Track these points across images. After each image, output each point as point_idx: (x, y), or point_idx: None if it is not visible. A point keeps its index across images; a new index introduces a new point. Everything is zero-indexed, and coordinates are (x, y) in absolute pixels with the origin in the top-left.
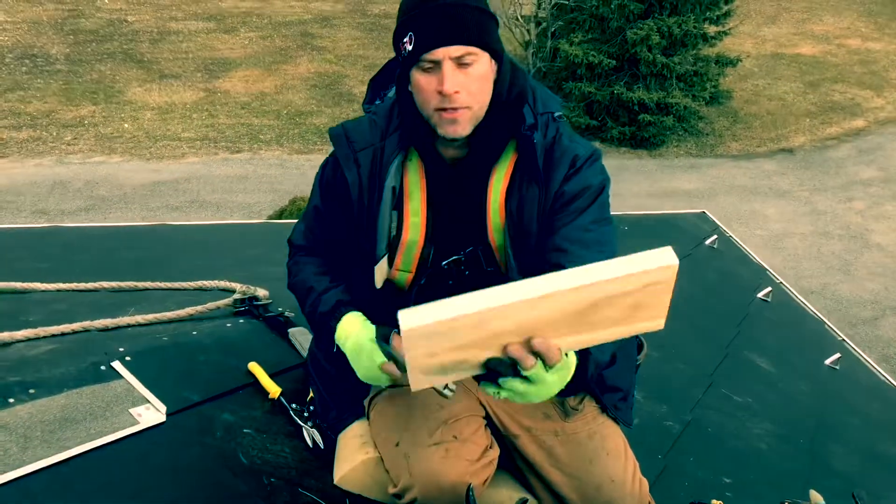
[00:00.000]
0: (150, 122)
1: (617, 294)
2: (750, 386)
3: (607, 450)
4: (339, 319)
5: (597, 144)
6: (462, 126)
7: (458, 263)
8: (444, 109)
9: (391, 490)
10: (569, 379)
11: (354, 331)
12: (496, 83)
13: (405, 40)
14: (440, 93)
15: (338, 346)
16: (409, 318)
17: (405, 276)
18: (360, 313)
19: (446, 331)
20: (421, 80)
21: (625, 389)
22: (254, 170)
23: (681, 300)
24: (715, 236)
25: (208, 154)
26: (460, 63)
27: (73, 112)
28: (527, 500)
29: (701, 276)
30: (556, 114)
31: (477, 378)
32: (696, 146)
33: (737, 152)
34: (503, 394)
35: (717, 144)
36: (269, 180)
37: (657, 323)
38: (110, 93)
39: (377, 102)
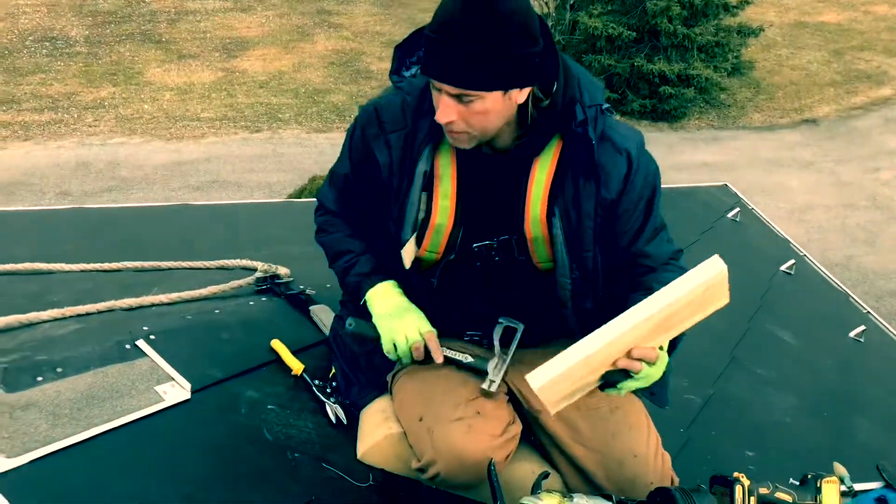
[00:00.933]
0: (169, 102)
1: (686, 303)
2: (773, 359)
3: (630, 424)
4: (377, 282)
5: (616, 118)
6: (462, 143)
7: (489, 249)
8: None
9: (414, 465)
10: (667, 360)
11: (397, 295)
12: (540, 97)
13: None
14: None
15: (364, 304)
16: (536, 378)
17: (432, 257)
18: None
19: (566, 375)
20: (431, 89)
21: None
22: (273, 149)
23: None
24: (737, 209)
25: (227, 134)
26: (459, 98)
27: (94, 94)
28: (548, 475)
29: (723, 249)
30: (605, 106)
31: (599, 387)
32: (717, 118)
33: (759, 124)
34: (623, 392)
35: (740, 116)
36: (289, 159)
37: (724, 302)
38: (129, 74)
39: (405, 73)
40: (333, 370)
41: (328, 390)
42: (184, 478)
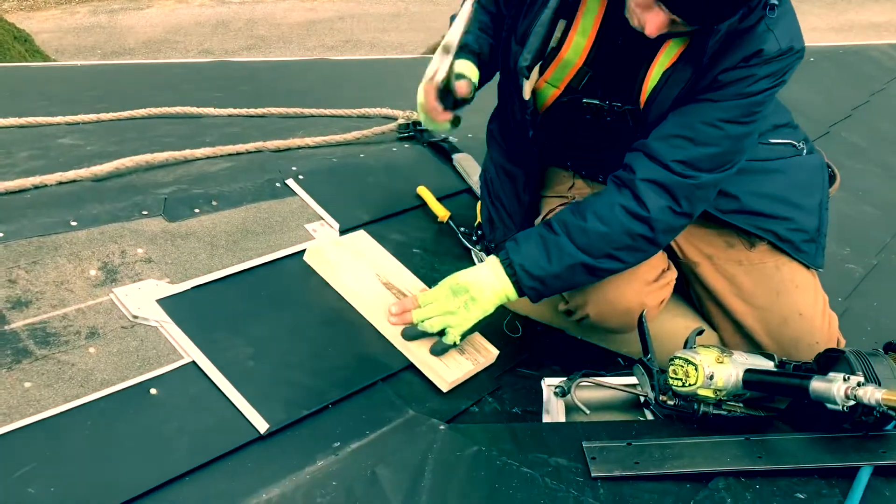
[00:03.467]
0: None
1: None
2: None
3: (796, 282)
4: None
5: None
6: (652, 33)
7: (601, 109)
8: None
9: (562, 307)
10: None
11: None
12: None
13: None
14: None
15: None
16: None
17: (550, 91)
18: (474, 66)
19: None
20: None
21: (810, 230)
22: (405, 7)
23: (872, 137)
24: None
25: None
26: (680, 23)
27: None
28: (703, 331)
29: (894, 112)
30: (773, 1)
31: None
32: None
33: None
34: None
35: None
36: (421, 18)
37: None
38: None
39: None
40: (479, 219)
41: (473, 238)
42: (330, 311)
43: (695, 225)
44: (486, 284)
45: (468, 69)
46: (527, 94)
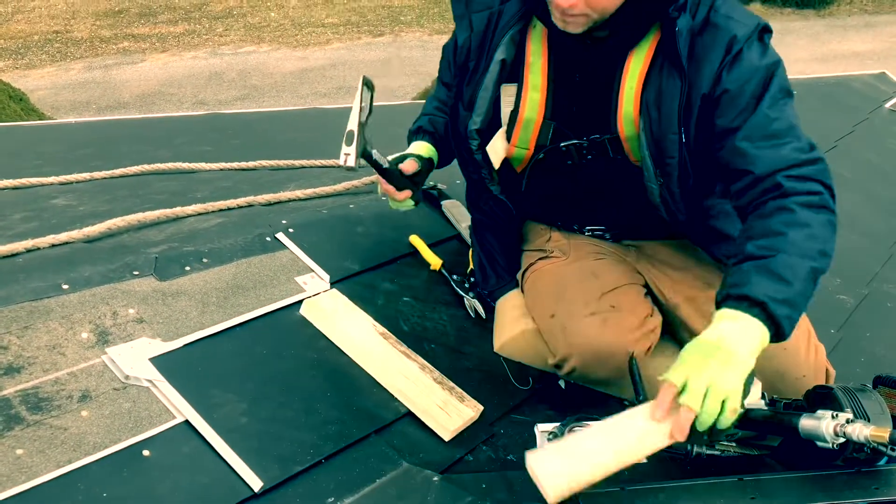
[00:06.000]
0: (294, 9)
1: None
2: None
3: None
4: (415, 140)
5: (757, 5)
6: (577, 28)
7: (580, 148)
8: (559, 8)
9: (550, 361)
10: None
11: (416, 146)
12: None
13: None
14: None
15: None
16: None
17: (522, 154)
18: (429, 144)
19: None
20: None
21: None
22: (396, 52)
23: (857, 168)
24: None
25: (351, 39)
26: None
27: (223, 4)
28: None
29: (879, 141)
30: None
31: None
32: (871, 1)
33: None
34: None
35: None
36: (412, 63)
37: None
38: None
39: None
40: (471, 265)
41: (466, 285)
42: (323, 363)
43: (675, 268)
44: (736, 336)
45: (421, 149)
46: (496, 163)
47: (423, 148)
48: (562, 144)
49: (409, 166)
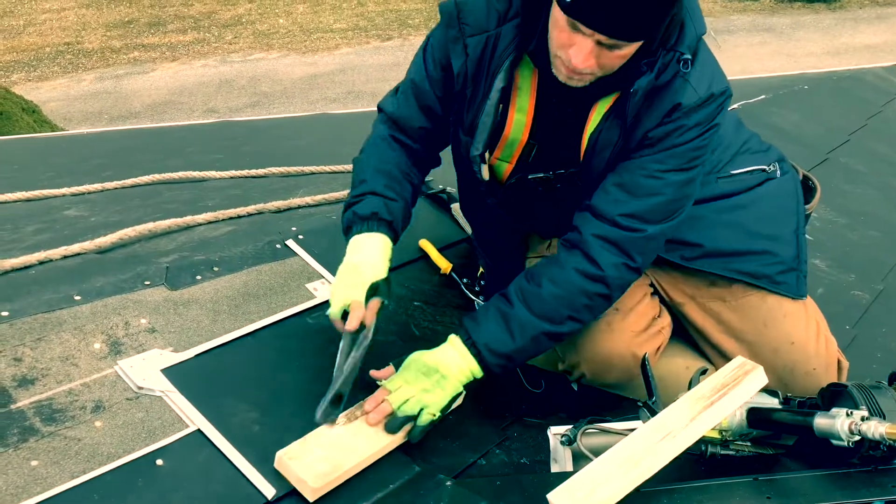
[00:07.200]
0: (302, 15)
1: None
2: None
3: (784, 312)
4: (364, 231)
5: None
6: (578, 83)
7: (547, 180)
8: (567, 66)
9: (560, 367)
10: None
11: (368, 250)
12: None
13: None
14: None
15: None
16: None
17: (504, 166)
18: (387, 239)
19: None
20: (559, 24)
21: (787, 260)
22: (404, 56)
23: (871, 161)
24: None
25: (360, 43)
26: (605, 45)
27: (231, 11)
28: (706, 370)
29: (893, 134)
30: (685, 56)
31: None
32: None
33: None
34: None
35: None
36: None
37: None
38: None
39: None
40: (481, 269)
41: (476, 288)
42: (331, 366)
43: (675, 266)
44: (452, 363)
45: (377, 257)
46: (485, 175)
47: (379, 253)
48: (530, 177)
49: (370, 315)
